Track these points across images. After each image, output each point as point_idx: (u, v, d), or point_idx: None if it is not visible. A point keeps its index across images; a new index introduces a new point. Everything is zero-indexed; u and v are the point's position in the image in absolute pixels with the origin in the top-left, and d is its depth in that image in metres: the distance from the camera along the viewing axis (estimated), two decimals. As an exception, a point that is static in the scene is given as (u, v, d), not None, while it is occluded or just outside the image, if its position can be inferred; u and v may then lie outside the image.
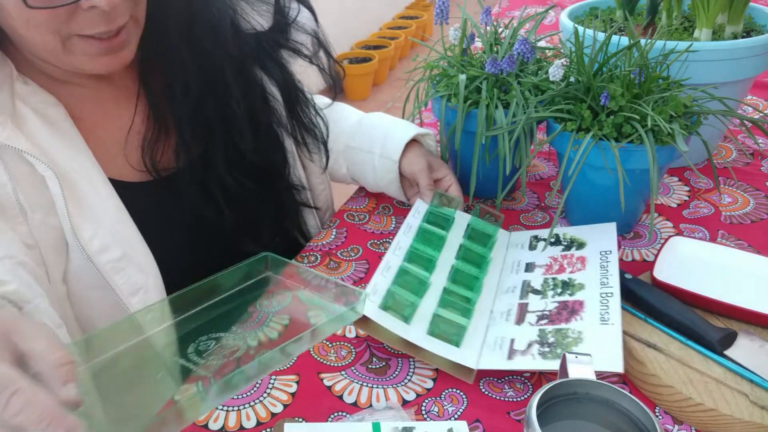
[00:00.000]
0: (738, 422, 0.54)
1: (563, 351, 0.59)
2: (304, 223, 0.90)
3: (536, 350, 0.61)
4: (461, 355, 0.63)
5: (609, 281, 0.67)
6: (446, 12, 0.84)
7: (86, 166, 0.68)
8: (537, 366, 0.60)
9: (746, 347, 0.60)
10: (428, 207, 0.81)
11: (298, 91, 0.86)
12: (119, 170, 0.73)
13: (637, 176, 0.72)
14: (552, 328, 0.64)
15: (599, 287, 0.67)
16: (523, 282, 0.72)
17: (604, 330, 0.61)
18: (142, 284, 0.69)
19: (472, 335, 0.65)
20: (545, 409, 0.46)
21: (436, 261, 0.73)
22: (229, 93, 0.75)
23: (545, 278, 0.71)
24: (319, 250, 0.84)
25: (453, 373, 0.63)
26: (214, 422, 0.59)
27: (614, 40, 0.83)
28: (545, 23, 1.48)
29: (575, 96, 0.75)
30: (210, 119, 0.75)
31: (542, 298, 0.69)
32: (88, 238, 0.66)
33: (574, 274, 0.70)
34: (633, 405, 0.46)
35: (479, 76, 0.82)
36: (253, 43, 0.80)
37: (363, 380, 0.63)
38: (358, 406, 0.61)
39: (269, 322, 0.61)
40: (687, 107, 0.73)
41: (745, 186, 0.91)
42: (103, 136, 0.73)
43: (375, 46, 3.76)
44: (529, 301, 0.69)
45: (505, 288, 0.73)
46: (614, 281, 0.66)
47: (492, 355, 0.63)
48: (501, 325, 0.67)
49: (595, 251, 0.72)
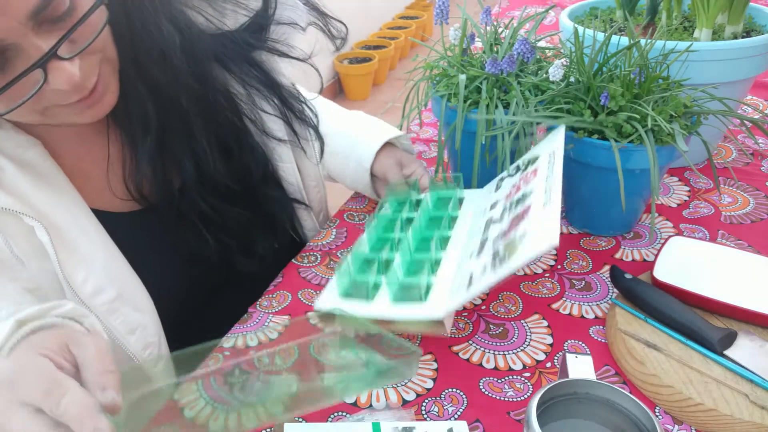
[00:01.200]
0: (738, 422, 0.54)
1: (510, 254, 0.57)
2: (300, 226, 0.90)
3: (488, 267, 0.59)
4: (426, 307, 0.62)
5: (553, 171, 0.64)
6: (446, 12, 0.84)
7: (72, 209, 0.67)
8: (488, 281, 0.57)
9: (746, 347, 0.60)
10: (387, 197, 0.83)
11: (282, 88, 0.82)
12: (106, 202, 0.72)
13: (638, 176, 0.72)
14: (503, 242, 0.61)
15: (545, 180, 0.64)
16: (487, 221, 0.71)
17: (545, 211, 0.58)
18: (139, 323, 0.69)
19: (439, 288, 0.64)
20: (545, 409, 0.46)
21: (398, 241, 0.73)
22: (189, 124, 0.72)
23: (504, 205, 0.70)
24: (319, 250, 0.85)
25: (426, 332, 0.63)
26: (214, 422, 0.59)
27: (614, 40, 0.83)
28: (545, 23, 1.48)
29: (575, 96, 0.75)
30: (176, 151, 0.72)
31: (500, 223, 0.67)
32: (81, 283, 0.65)
33: (528, 186, 0.68)
34: (633, 405, 0.46)
35: (479, 76, 0.82)
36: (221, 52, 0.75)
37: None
38: (358, 406, 0.61)
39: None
40: (687, 107, 0.73)
41: (745, 186, 0.91)
42: (86, 169, 0.71)
43: (375, 46, 3.77)
44: (489, 233, 0.67)
45: (472, 234, 0.72)
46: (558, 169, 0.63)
47: (455, 295, 0.61)
48: (465, 266, 0.65)
49: (544, 158, 0.69)
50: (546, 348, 0.66)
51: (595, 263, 0.78)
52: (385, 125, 0.92)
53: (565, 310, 0.71)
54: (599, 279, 0.75)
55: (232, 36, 0.75)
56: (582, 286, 0.74)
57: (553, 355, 0.66)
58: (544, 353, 0.66)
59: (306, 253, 0.84)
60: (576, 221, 0.84)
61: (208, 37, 0.73)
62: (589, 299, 0.72)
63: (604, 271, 0.76)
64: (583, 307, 0.71)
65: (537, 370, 0.64)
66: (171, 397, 0.55)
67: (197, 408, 0.58)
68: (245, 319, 0.74)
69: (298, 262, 0.83)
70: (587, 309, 0.71)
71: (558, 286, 0.74)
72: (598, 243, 0.81)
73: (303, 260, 0.83)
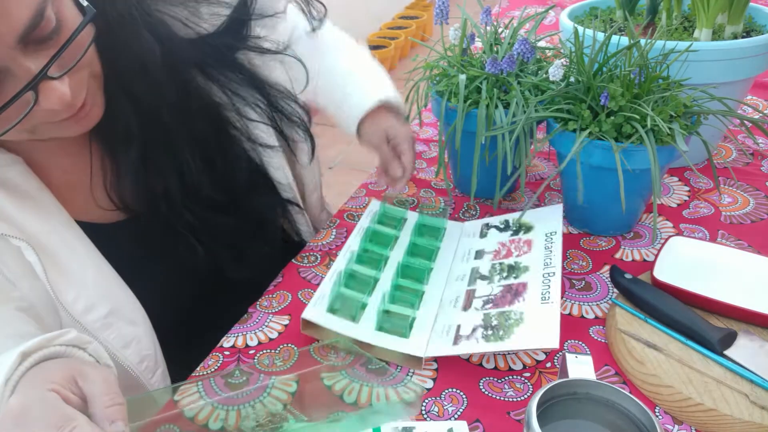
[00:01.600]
0: (738, 422, 0.54)
1: (505, 333, 0.61)
2: (296, 230, 0.88)
3: (480, 334, 0.63)
4: (409, 345, 0.65)
5: (552, 261, 0.68)
6: (446, 12, 0.84)
7: (58, 228, 0.66)
8: (480, 349, 0.62)
9: (746, 347, 0.60)
10: (380, 208, 0.84)
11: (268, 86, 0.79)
12: (93, 214, 0.71)
13: (638, 176, 0.72)
14: (495, 312, 0.65)
15: (542, 268, 0.68)
16: (472, 269, 0.74)
17: (544, 309, 0.62)
18: (134, 335, 0.68)
19: (421, 325, 0.67)
20: (545, 409, 0.46)
21: (386, 259, 0.75)
22: (171, 136, 0.70)
23: (493, 264, 0.73)
24: (319, 250, 0.85)
25: (403, 363, 0.65)
26: (214, 421, 0.59)
27: (614, 40, 0.83)
28: (545, 23, 1.48)
29: (575, 96, 0.75)
30: (158, 162, 0.71)
31: (489, 283, 0.70)
32: (72, 301, 0.65)
33: (521, 258, 0.71)
34: (633, 405, 0.46)
35: (479, 76, 0.82)
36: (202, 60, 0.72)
37: (363, 380, 0.63)
38: (358, 406, 0.61)
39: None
40: (687, 107, 0.73)
41: (745, 186, 0.91)
42: (72, 181, 0.70)
43: (375, 46, 3.76)
44: (476, 287, 0.70)
45: (455, 276, 0.74)
46: (557, 261, 0.67)
47: (439, 341, 0.65)
48: (449, 313, 0.68)
49: (540, 233, 0.74)
50: (546, 348, 0.66)
51: (595, 263, 0.78)
52: (379, 76, 0.88)
53: (565, 310, 0.71)
54: (599, 279, 0.75)
55: (212, 40, 0.72)
56: (582, 286, 0.74)
57: (553, 355, 0.66)
58: (544, 353, 0.66)
59: (306, 253, 0.84)
60: (576, 221, 0.84)
61: (187, 44, 0.70)
62: (589, 299, 0.72)
63: (604, 271, 0.76)
64: (583, 307, 0.71)
65: (537, 370, 0.64)
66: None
67: (197, 408, 0.58)
68: (245, 319, 0.74)
69: (298, 262, 0.83)
70: (587, 309, 0.71)
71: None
72: (598, 243, 0.81)
73: (303, 260, 0.83)
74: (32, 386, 0.49)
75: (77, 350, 0.56)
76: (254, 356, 0.68)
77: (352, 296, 0.70)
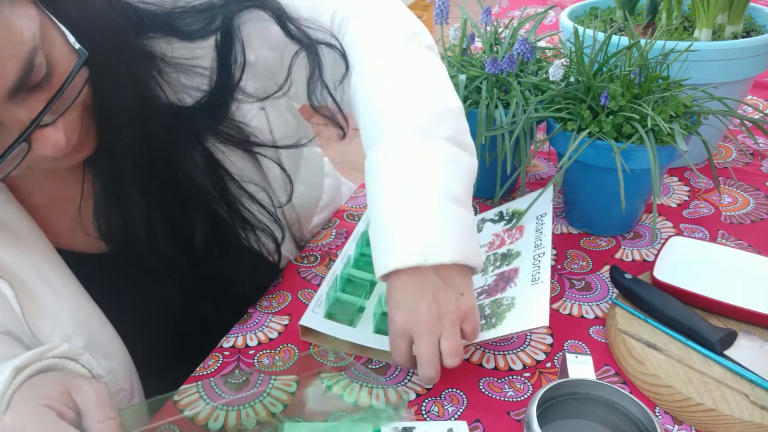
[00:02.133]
0: (738, 422, 0.54)
1: (497, 319, 0.61)
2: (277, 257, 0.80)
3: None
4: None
5: (542, 242, 0.67)
6: (446, 12, 0.84)
7: (33, 257, 0.63)
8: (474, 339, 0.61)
9: (746, 347, 0.60)
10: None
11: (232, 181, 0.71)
12: (77, 242, 0.68)
13: (638, 176, 0.72)
14: (488, 301, 0.65)
15: (533, 249, 0.67)
16: None
17: (534, 289, 0.62)
18: (109, 369, 0.67)
19: None
20: (545, 409, 0.46)
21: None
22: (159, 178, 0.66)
23: (487, 255, 0.73)
24: (318, 250, 0.85)
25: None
26: (214, 421, 0.59)
27: (614, 40, 0.83)
28: (545, 23, 1.48)
29: (575, 96, 0.75)
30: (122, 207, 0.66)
31: (483, 275, 0.70)
32: (47, 334, 0.63)
33: (513, 244, 0.71)
34: (633, 405, 0.46)
35: (479, 76, 0.82)
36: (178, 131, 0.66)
37: (363, 380, 0.63)
38: (358, 406, 0.61)
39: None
40: (687, 107, 0.73)
41: (745, 186, 0.91)
42: (61, 205, 0.67)
43: (375, 46, 3.76)
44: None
45: None
46: (546, 241, 0.67)
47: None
48: None
49: (531, 216, 0.73)
50: (546, 348, 0.66)
51: (595, 263, 0.78)
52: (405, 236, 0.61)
53: (565, 310, 0.71)
54: (599, 279, 0.75)
55: (189, 114, 0.66)
56: (582, 286, 0.74)
57: (553, 355, 0.66)
58: (544, 353, 0.66)
59: (306, 254, 0.84)
60: (576, 221, 0.84)
61: (166, 111, 0.64)
62: (589, 299, 0.72)
63: (604, 271, 0.76)
64: (583, 307, 0.71)
65: (537, 370, 0.64)
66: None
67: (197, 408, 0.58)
68: (245, 319, 0.74)
69: (298, 262, 0.83)
70: (587, 309, 0.71)
71: (558, 286, 0.74)
72: (598, 243, 0.81)
73: (303, 260, 0.83)
74: (27, 402, 0.49)
75: (70, 362, 0.57)
76: (254, 356, 0.68)
77: (349, 300, 0.70)
